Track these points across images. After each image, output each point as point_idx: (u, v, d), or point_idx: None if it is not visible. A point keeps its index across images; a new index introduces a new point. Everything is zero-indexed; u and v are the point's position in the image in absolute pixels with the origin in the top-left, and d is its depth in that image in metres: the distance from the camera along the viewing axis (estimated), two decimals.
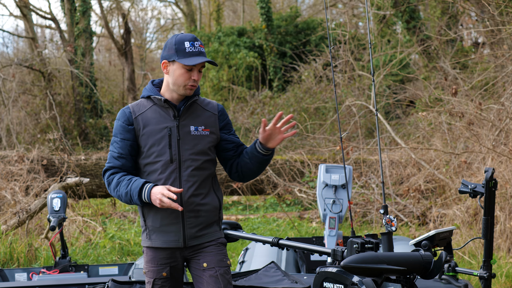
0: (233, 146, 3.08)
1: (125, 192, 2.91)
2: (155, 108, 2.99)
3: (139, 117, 2.98)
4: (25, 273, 4.94)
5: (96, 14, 24.44)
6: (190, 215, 2.94)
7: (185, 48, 2.91)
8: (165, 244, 2.95)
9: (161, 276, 2.96)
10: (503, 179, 6.57)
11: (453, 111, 8.06)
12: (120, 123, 2.99)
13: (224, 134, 3.07)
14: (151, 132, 2.95)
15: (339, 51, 12.31)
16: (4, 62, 15.66)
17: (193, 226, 2.95)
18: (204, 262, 2.96)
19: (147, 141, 2.96)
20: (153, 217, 2.96)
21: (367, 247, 2.70)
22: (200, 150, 2.97)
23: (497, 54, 9.06)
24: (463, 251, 6.28)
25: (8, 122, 13.48)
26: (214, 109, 3.06)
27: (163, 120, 2.96)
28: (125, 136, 2.97)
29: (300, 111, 13.60)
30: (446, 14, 12.43)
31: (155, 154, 2.94)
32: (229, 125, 3.10)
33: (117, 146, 2.99)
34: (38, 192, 8.34)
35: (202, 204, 2.96)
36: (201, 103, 3.06)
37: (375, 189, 8.62)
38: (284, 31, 18.94)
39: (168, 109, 2.98)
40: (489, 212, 3.14)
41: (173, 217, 2.93)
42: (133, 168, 3.01)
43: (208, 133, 3.00)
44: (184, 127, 2.96)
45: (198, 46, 2.92)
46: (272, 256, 4.73)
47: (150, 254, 2.99)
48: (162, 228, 2.95)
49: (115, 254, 7.02)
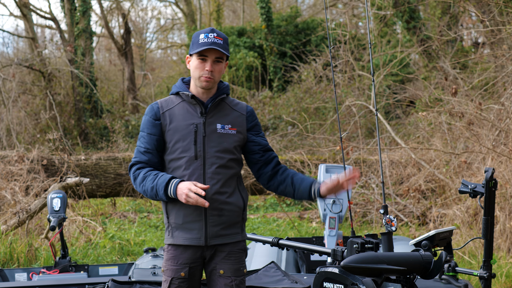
0: (260, 148, 3.05)
1: (151, 187, 2.89)
2: (183, 104, 2.99)
3: (166, 113, 2.98)
4: (25, 273, 4.94)
5: (96, 14, 24.46)
6: (213, 213, 2.91)
7: (199, 40, 2.92)
8: (187, 241, 2.92)
9: (179, 276, 2.93)
10: (503, 179, 6.57)
11: (453, 111, 8.06)
12: (148, 118, 2.99)
13: (251, 135, 3.05)
14: (177, 128, 2.94)
15: (339, 51, 12.30)
16: (4, 62, 15.66)
17: (216, 225, 2.92)
18: (221, 269, 2.93)
19: (172, 136, 2.95)
20: (176, 214, 2.94)
21: (367, 247, 2.70)
22: (225, 148, 2.95)
23: (497, 54, 9.06)
24: (463, 251, 6.28)
25: (8, 122, 13.48)
26: (243, 110, 3.05)
27: (190, 116, 2.95)
28: (152, 131, 2.97)
29: (300, 111, 13.60)
30: (446, 14, 12.43)
31: (180, 150, 2.93)
32: (257, 127, 3.08)
33: (144, 141, 2.99)
34: (38, 192, 8.34)
35: (226, 202, 2.93)
36: (230, 103, 3.05)
37: (375, 189, 8.62)
38: (284, 31, 18.93)
39: (196, 106, 2.97)
40: (489, 212, 3.14)
41: (196, 215, 2.91)
42: (159, 164, 2.99)
43: (235, 132, 2.98)
44: (210, 125, 2.95)
45: (213, 37, 2.90)
46: (272, 256, 4.73)
47: (172, 252, 2.96)
48: (184, 225, 2.93)
49: (115, 254, 7.02)
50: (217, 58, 2.93)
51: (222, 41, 2.92)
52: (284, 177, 3.04)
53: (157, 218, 9.29)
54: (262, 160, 3.05)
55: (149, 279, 3.76)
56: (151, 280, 3.74)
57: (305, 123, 12.28)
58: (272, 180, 3.07)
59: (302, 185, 2.98)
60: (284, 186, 3.03)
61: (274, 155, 3.08)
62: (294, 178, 3.02)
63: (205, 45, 2.89)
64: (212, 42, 2.89)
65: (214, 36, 2.91)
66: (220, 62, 2.95)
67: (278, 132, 13.65)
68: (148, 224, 8.93)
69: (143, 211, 9.97)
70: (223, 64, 2.97)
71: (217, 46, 2.90)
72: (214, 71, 2.93)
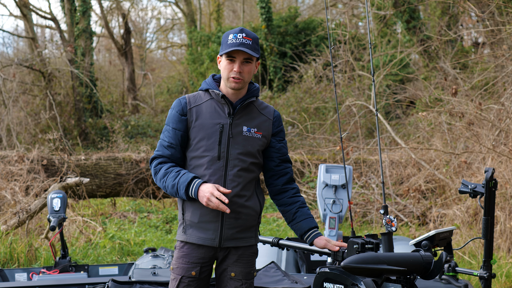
0: (278, 156, 3.02)
1: (172, 184, 2.86)
2: (212, 102, 2.96)
3: (193, 109, 2.95)
4: (25, 273, 4.93)
5: (96, 14, 24.47)
6: (231, 215, 2.88)
7: (228, 40, 2.89)
8: (200, 240, 2.90)
9: (189, 275, 2.90)
10: (503, 179, 6.57)
11: (453, 111, 8.06)
12: (174, 112, 2.96)
13: (274, 141, 3.03)
14: (202, 125, 2.92)
15: (339, 51, 12.31)
16: (4, 62, 15.65)
17: (232, 227, 2.90)
18: (233, 272, 2.92)
19: (197, 134, 2.92)
20: (193, 212, 2.90)
21: (367, 247, 2.70)
22: (249, 151, 2.92)
23: (497, 54, 9.06)
24: (463, 251, 6.28)
25: (9, 122, 13.48)
26: (270, 114, 3.02)
27: (217, 115, 2.93)
28: (177, 126, 2.94)
29: (300, 111, 13.60)
30: (446, 14, 12.43)
31: (203, 148, 2.90)
32: (282, 133, 3.06)
33: (168, 135, 2.95)
34: (38, 192, 8.33)
35: (244, 206, 2.91)
36: (259, 106, 3.02)
37: (375, 189, 8.62)
38: (284, 31, 18.94)
39: (224, 106, 2.94)
40: (489, 212, 3.14)
41: (213, 215, 2.88)
42: (181, 160, 2.96)
43: (260, 136, 2.96)
44: (237, 126, 2.92)
45: (241, 38, 2.87)
46: (272, 256, 4.73)
47: (183, 250, 2.93)
48: (200, 224, 2.90)
49: (115, 254, 7.02)
50: (246, 59, 2.90)
51: (251, 41, 2.89)
52: (291, 203, 3.04)
53: (157, 218, 9.29)
54: (276, 170, 3.03)
55: (149, 279, 3.76)
56: (151, 280, 3.74)
57: (305, 123, 12.28)
58: (279, 196, 3.07)
59: (302, 224, 3.00)
60: (286, 210, 3.03)
61: (289, 169, 3.06)
62: (299, 211, 3.02)
63: (233, 46, 2.86)
64: (240, 43, 2.86)
65: (243, 37, 2.87)
66: (249, 63, 2.91)
67: None
68: (148, 224, 8.93)
69: (143, 211, 9.97)
70: (252, 65, 2.93)
71: (245, 47, 2.86)
72: (243, 72, 2.89)
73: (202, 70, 18.59)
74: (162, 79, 23.71)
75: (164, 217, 9.23)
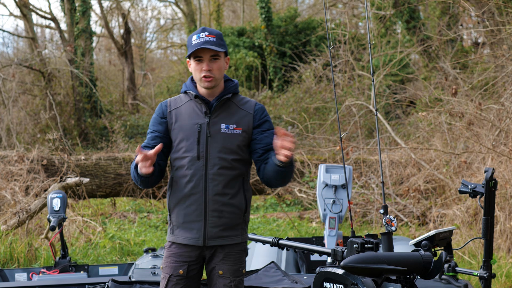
0: (261, 147, 2.98)
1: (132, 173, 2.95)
2: (190, 103, 2.99)
3: (173, 111, 2.99)
4: (25, 273, 4.93)
5: (96, 14, 24.46)
6: (214, 214, 2.91)
7: (192, 42, 2.92)
8: (186, 240, 2.94)
9: (177, 274, 2.94)
10: (503, 179, 6.57)
11: (453, 111, 8.06)
12: (155, 115, 3.03)
13: (256, 133, 2.99)
14: (182, 127, 2.95)
15: (339, 51, 12.31)
16: (4, 62, 15.65)
17: (215, 226, 2.92)
18: (220, 270, 2.94)
19: (177, 135, 2.96)
20: (178, 213, 2.96)
21: (367, 247, 2.70)
22: (228, 148, 2.93)
23: (497, 54, 9.06)
24: (463, 251, 6.28)
25: (8, 122, 13.48)
26: (250, 108, 3.00)
27: (195, 116, 2.95)
28: (157, 128, 3.00)
29: (300, 111, 13.60)
30: (446, 14, 12.43)
31: (183, 149, 2.94)
32: (266, 124, 3.00)
33: (148, 137, 3.03)
34: (38, 192, 8.33)
35: (227, 204, 2.92)
36: (238, 102, 3.01)
37: (375, 189, 8.62)
38: (284, 31, 18.94)
39: (202, 105, 2.96)
40: (489, 212, 3.14)
41: (196, 215, 2.92)
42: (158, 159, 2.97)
43: (240, 132, 2.95)
44: (214, 125, 2.94)
45: (204, 36, 2.89)
46: (272, 256, 4.73)
47: (171, 249, 2.98)
48: (185, 225, 2.94)
49: (115, 254, 7.02)
50: (213, 56, 2.92)
51: (214, 38, 2.91)
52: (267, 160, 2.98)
53: (157, 218, 9.29)
54: (260, 160, 2.98)
55: (149, 279, 3.76)
56: (151, 280, 3.74)
57: (305, 123, 12.28)
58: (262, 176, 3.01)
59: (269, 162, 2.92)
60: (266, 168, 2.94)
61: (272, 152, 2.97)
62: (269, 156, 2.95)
63: (197, 46, 2.88)
64: (204, 41, 2.88)
65: (206, 35, 2.90)
66: (217, 59, 2.93)
67: None
68: (148, 224, 8.93)
69: (143, 211, 9.97)
70: (221, 61, 2.95)
71: (209, 44, 2.88)
72: (212, 69, 2.91)
73: None
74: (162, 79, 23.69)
75: (164, 217, 9.23)
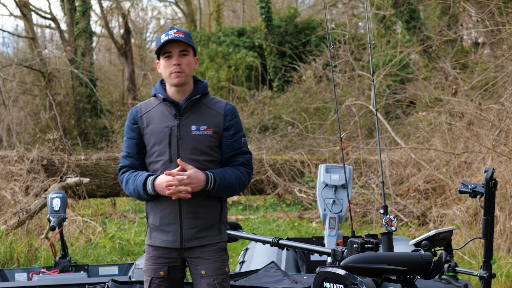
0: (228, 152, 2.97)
1: (133, 188, 2.93)
2: (160, 106, 2.98)
3: (144, 116, 2.98)
4: (25, 273, 4.93)
5: (96, 14, 24.46)
6: (189, 216, 2.91)
7: (160, 40, 2.92)
8: (163, 243, 2.94)
9: (158, 275, 2.95)
10: (503, 179, 6.57)
11: (453, 111, 8.06)
12: (127, 123, 3.03)
13: (225, 136, 2.97)
14: (153, 130, 2.95)
15: (339, 51, 12.31)
16: (4, 62, 15.65)
17: (191, 228, 2.92)
18: (203, 269, 2.93)
19: (150, 139, 2.96)
20: (154, 216, 2.96)
21: (367, 247, 2.70)
22: (200, 150, 2.92)
23: (497, 54, 9.06)
24: (463, 251, 6.28)
25: (9, 122, 13.48)
26: (221, 109, 2.98)
27: (166, 119, 2.94)
28: (131, 135, 3.00)
29: (300, 111, 13.60)
30: (446, 14, 12.43)
31: (156, 153, 2.94)
32: (235, 126, 2.98)
33: (125, 145, 3.03)
34: (38, 192, 8.33)
35: (201, 205, 2.92)
36: (208, 102, 3.00)
37: (375, 189, 8.62)
38: (284, 31, 18.94)
39: (171, 108, 2.95)
40: (489, 212, 3.14)
41: (172, 217, 2.92)
42: (142, 166, 3.01)
43: (211, 133, 2.93)
44: (185, 127, 2.92)
45: (173, 33, 2.90)
46: (272, 256, 4.73)
47: (150, 252, 2.99)
48: (161, 227, 2.94)
49: (115, 254, 7.02)
50: (182, 52, 2.92)
51: (183, 35, 2.91)
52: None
53: None
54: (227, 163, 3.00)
55: None
56: None
57: (305, 123, 12.28)
58: None
59: None
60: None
61: (241, 161, 2.98)
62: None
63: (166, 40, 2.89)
64: (172, 37, 2.89)
65: (175, 32, 2.91)
66: (186, 55, 2.93)
67: (278, 132, 13.65)
68: None
69: (143, 211, 9.97)
70: (190, 57, 2.94)
71: (179, 38, 2.89)
72: (181, 64, 2.91)
73: (202, 70, 18.58)
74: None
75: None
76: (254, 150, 11.03)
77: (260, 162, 9.96)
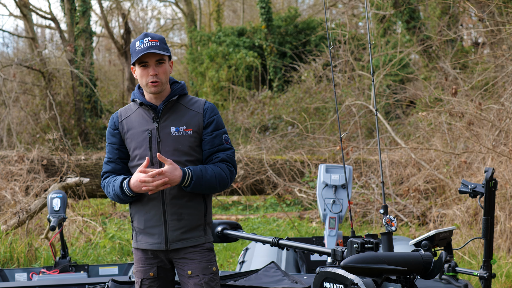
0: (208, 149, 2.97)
1: (113, 193, 2.95)
2: (139, 111, 3.00)
3: (124, 121, 3.01)
4: (25, 273, 4.93)
5: (96, 14, 24.47)
6: (173, 217, 2.92)
7: (135, 48, 2.91)
8: (149, 246, 2.96)
9: (148, 276, 2.97)
10: (503, 179, 6.57)
11: (453, 111, 8.06)
12: (108, 129, 3.06)
13: (205, 134, 2.98)
14: (133, 135, 2.97)
15: (339, 51, 12.31)
16: (4, 62, 15.66)
17: (176, 229, 2.92)
18: (189, 270, 2.94)
19: (131, 144, 2.98)
20: (138, 219, 2.98)
21: (367, 247, 2.70)
22: (181, 151, 2.93)
23: (497, 54, 9.06)
24: (463, 251, 6.28)
25: (9, 122, 13.48)
26: (199, 108, 2.99)
27: (145, 122, 2.96)
28: (112, 141, 3.03)
29: (300, 111, 13.60)
30: (446, 14, 12.43)
31: (138, 157, 2.96)
32: (214, 124, 2.98)
33: (107, 151, 3.06)
34: (38, 192, 8.34)
35: (185, 206, 2.93)
36: (187, 103, 3.00)
37: (375, 189, 8.62)
38: (284, 31, 18.94)
39: (149, 111, 2.97)
40: (489, 212, 3.14)
41: (156, 220, 2.94)
42: (125, 171, 3.02)
43: (191, 133, 2.94)
44: (164, 129, 2.94)
45: (148, 42, 2.89)
46: (272, 256, 4.73)
47: (138, 254, 3.02)
48: (146, 230, 2.96)
49: (115, 254, 7.02)
50: (158, 61, 2.91)
51: (158, 43, 2.90)
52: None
53: None
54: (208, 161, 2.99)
55: None
56: None
57: (305, 123, 12.28)
58: None
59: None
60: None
61: (221, 157, 2.98)
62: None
63: (142, 51, 2.87)
64: (148, 47, 2.87)
65: (149, 40, 2.89)
66: (162, 63, 2.92)
67: (278, 132, 13.66)
68: None
69: None
70: (166, 65, 2.94)
71: (154, 49, 2.87)
72: (158, 74, 2.90)
73: (202, 69, 18.60)
74: None
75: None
76: (254, 150, 11.03)
77: (260, 162, 9.96)
